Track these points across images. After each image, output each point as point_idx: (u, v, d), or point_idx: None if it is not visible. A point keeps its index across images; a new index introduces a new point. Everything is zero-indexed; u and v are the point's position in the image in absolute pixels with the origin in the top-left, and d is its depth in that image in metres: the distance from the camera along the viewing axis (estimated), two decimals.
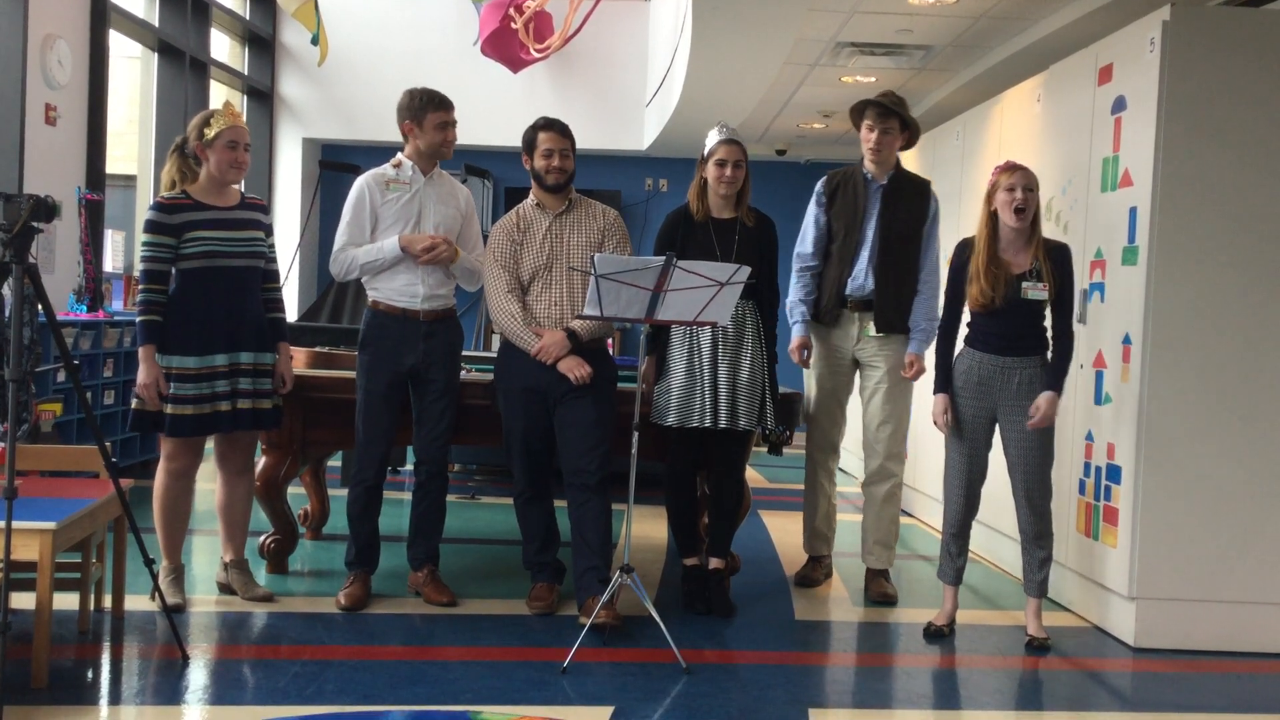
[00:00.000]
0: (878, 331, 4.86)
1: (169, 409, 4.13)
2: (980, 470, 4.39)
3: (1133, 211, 4.48)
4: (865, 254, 4.86)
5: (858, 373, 5.03)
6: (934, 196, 4.96)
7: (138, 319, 4.18)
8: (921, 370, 4.83)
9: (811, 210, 5.03)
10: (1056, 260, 4.28)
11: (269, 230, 4.40)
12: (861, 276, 4.86)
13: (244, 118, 4.38)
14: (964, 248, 4.39)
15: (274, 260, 4.45)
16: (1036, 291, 4.22)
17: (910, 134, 4.91)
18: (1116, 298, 4.57)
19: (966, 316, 4.43)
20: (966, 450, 4.37)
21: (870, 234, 4.86)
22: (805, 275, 5.01)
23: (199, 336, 4.16)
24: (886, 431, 4.92)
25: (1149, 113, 4.38)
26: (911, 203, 4.89)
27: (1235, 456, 4.37)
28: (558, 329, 4.36)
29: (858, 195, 4.89)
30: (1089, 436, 4.73)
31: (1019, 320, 4.26)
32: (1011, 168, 4.28)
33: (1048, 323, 4.33)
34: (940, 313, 4.68)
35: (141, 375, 4.14)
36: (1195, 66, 4.33)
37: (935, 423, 4.44)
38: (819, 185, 5.05)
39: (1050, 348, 4.32)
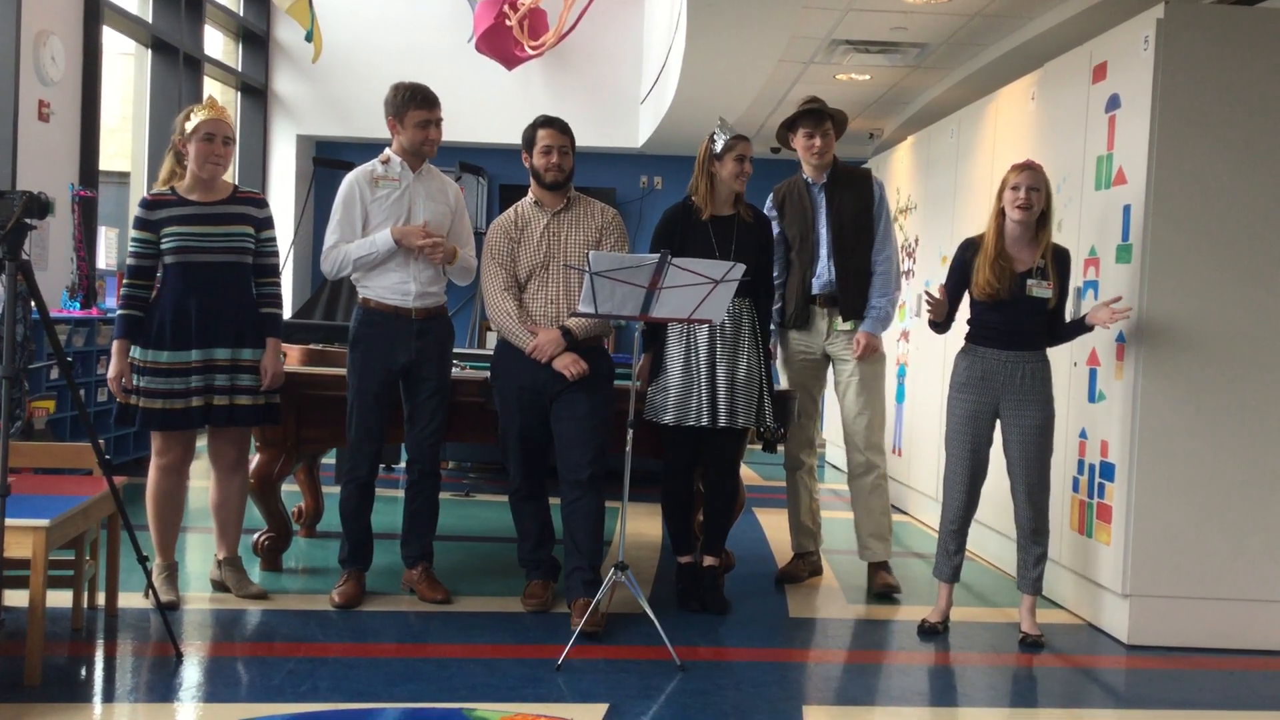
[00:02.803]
0: (845, 322, 4.93)
1: (141, 402, 4.15)
2: (982, 467, 4.40)
3: (1126, 209, 4.49)
4: (824, 251, 4.96)
5: (830, 368, 5.09)
6: (877, 181, 5.07)
7: (117, 312, 4.21)
8: (873, 350, 4.89)
9: None
10: (1060, 263, 4.31)
11: (262, 224, 4.34)
12: (825, 273, 4.95)
13: (229, 111, 4.35)
14: (967, 247, 4.42)
15: (270, 255, 4.39)
16: (1042, 290, 4.25)
17: (838, 126, 5.04)
18: (1110, 295, 4.56)
19: (965, 314, 4.45)
20: (970, 446, 4.37)
21: (824, 231, 4.96)
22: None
23: (172, 331, 4.16)
24: (863, 423, 4.96)
25: (1143, 111, 4.39)
26: (856, 192, 4.98)
27: (1229, 454, 4.38)
28: (553, 327, 4.36)
29: (804, 200, 5.01)
30: (1082, 434, 4.74)
31: (1022, 316, 4.29)
32: (1022, 167, 4.32)
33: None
34: (895, 291, 4.94)
35: (110, 368, 4.18)
36: (1189, 64, 4.33)
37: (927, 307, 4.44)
38: (768, 201, 5.16)
39: (1056, 337, 4.39)
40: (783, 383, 5.11)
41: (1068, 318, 4.42)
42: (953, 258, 4.48)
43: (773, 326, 4.97)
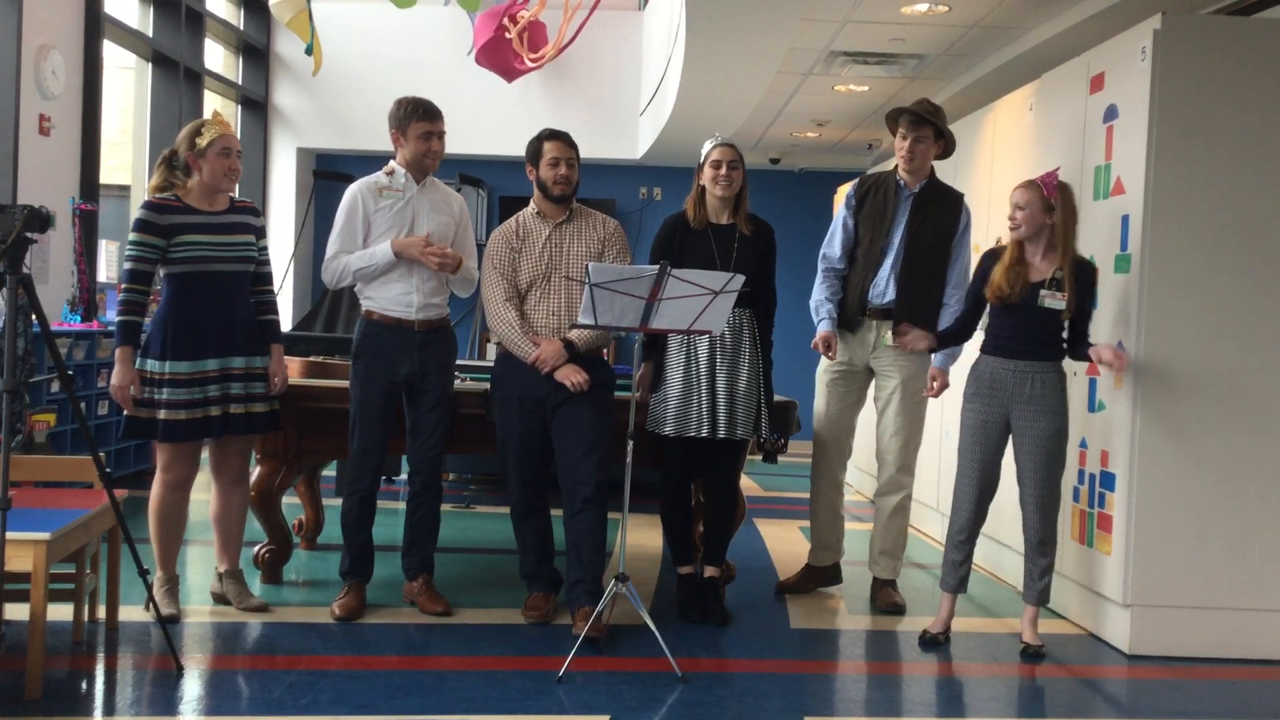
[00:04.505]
0: (895, 341, 4.82)
1: (162, 414, 4.13)
2: (993, 477, 4.37)
3: (1125, 219, 4.50)
4: (889, 262, 4.83)
5: (872, 383, 5.00)
6: (966, 209, 4.92)
7: (117, 319, 4.15)
8: (945, 386, 4.77)
9: (840, 213, 5.02)
10: (1079, 276, 4.24)
11: (260, 233, 4.38)
12: (883, 284, 4.83)
13: (235, 127, 4.38)
14: (989, 256, 4.40)
15: (266, 263, 4.42)
16: (1054, 301, 4.21)
17: (946, 143, 4.89)
18: (1109, 305, 4.58)
19: (983, 322, 4.45)
20: (980, 457, 4.36)
21: (896, 242, 4.83)
22: (830, 276, 4.96)
23: (190, 341, 4.15)
24: (897, 443, 4.89)
25: (1141, 121, 4.40)
26: (941, 213, 4.84)
27: (1229, 463, 4.38)
28: (555, 338, 4.37)
29: (887, 202, 4.86)
30: (1083, 444, 4.74)
31: (1033, 326, 4.26)
32: (1021, 185, 4.30)
33: (1066, 334, 4.29)
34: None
35: (115, 377, 4.10)
36: (1186, 75, 4.34)
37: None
38: (849, 188, 5.03)
39: (1071, 351, 4.32)
40: (819, 395, 5.02)
41: (1090, 338, 4.36)
42: (975, 267, 4.46)
43: (830, 317, 4.87)
